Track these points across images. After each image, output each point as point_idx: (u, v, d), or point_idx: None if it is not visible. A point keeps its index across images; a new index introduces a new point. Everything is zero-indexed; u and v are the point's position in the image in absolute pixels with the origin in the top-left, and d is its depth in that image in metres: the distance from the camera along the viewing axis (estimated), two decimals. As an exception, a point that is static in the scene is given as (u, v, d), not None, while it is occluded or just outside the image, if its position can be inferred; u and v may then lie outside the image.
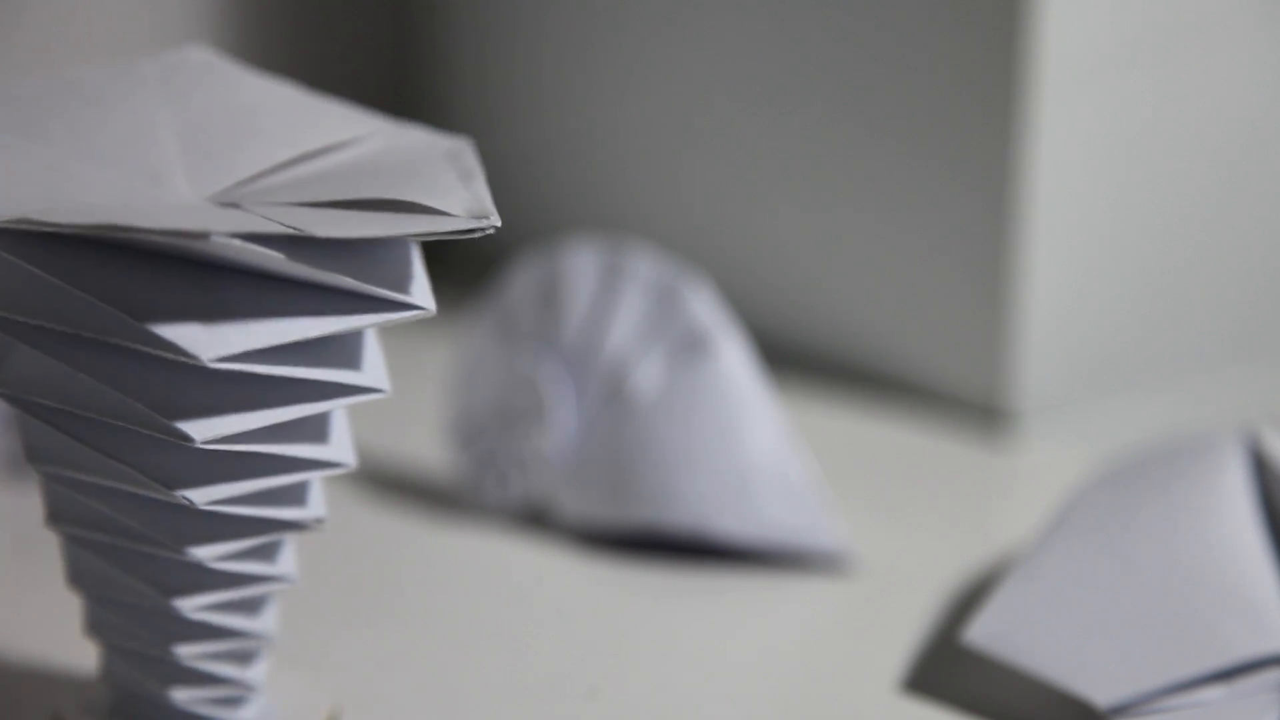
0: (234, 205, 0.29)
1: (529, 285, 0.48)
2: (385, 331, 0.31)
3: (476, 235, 0.28)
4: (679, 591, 0.43)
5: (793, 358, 0.63)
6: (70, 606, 0.34)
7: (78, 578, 0.32)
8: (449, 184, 0.29)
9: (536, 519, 0.47)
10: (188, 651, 0.32)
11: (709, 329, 0.46)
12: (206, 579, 0.31)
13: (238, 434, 0.29)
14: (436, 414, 0.52)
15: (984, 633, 0.36)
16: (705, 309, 0.46)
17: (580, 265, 0.47)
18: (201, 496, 0.30)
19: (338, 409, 0.31)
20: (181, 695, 0.33)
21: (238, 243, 0.26)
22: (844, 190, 0.63)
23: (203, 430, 0.29)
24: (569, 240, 0.49)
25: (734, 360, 0.46)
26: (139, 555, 0.31)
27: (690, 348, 0.45)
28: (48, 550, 0.35)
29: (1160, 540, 0.37)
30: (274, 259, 0.27)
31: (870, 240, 0.62)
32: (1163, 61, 0.58)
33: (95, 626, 0.33)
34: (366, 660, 0.38)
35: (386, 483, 0.50)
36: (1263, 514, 0.37)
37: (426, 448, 0.52)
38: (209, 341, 0.28)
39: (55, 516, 0.31)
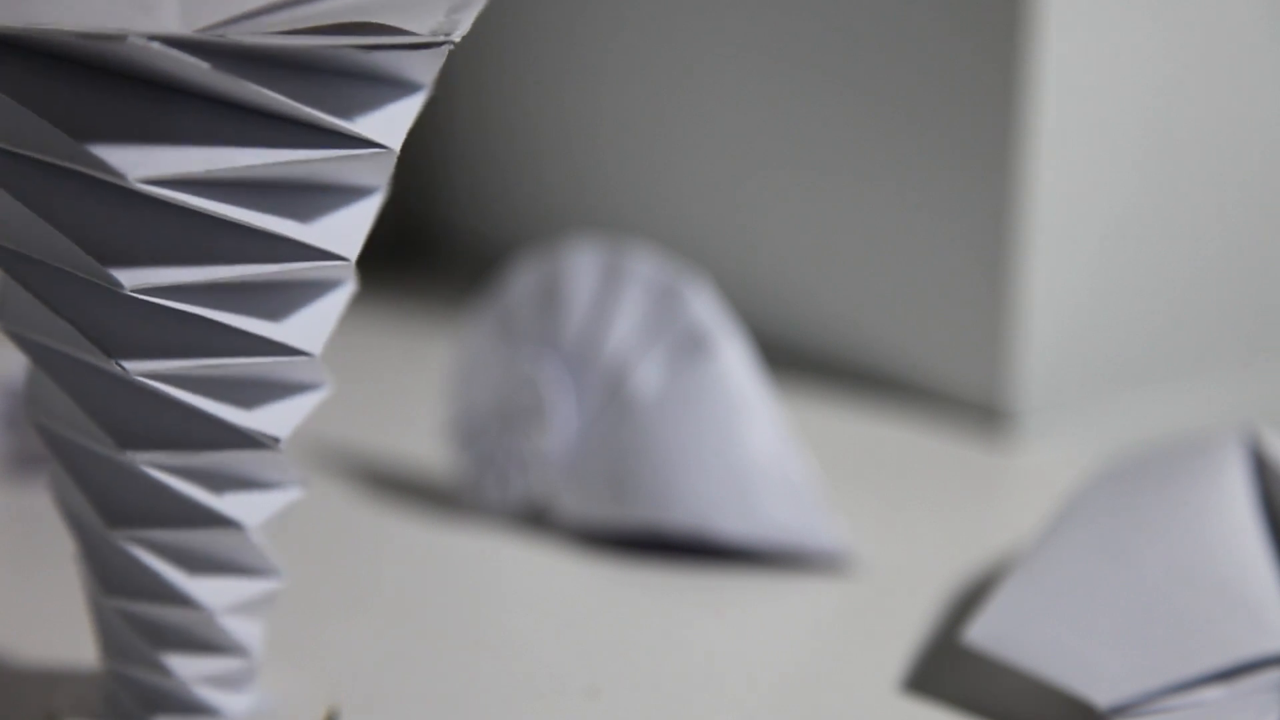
0: (220, 38, 0.27)
1: (529, 285, 0.48)
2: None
3: (434, 49, 0.27)
4: (679, 591, 0.43)
5: (793, 358, 0.63)
6: (69, 607, 0.34)
7: (54, 488, 0.31)
8: (433, 10, 0.27)
9: (536, 519, 0.47)
10: (116, 605, 0.30)
11: (709, 329, 0.46)
12: (145, 501, 0.29)
13: (175, 287, 0.27)
14: (436, 414, 0.52)
15: (984, 633, 0.36)
16: (705, 309, 0.46)
17: (580, 265, 0.47)
18: (138, 366, 0.28)
19: (297, 278, 0.29)
20: (110, 681, 0.31)
21: (157, 46, 0.24)
22: (844, 190, 0.63)
23: (134, 278, 0.27)
24: (569, 240, 0.49)
25: (734, 360, 0.46)
26: (86, 455, 0.29)
27: (690, 348, 0.45)
28: (47, 550, 0.35)
29: (1160, 540, 0.37)
30: (196, 68, 0.25)
31: (870, 240, 0.62)
32: (1166, 55, 0.58)
33: (79, 557, 0.32)
34: (366, 659, 0.38)
35: (386, 483, 0.50)
36: (1263, 514, 0.37)
37: (426, 448, 0.52)
38: (138, 161, 0.26)
39: (31, 401, 0.30)
